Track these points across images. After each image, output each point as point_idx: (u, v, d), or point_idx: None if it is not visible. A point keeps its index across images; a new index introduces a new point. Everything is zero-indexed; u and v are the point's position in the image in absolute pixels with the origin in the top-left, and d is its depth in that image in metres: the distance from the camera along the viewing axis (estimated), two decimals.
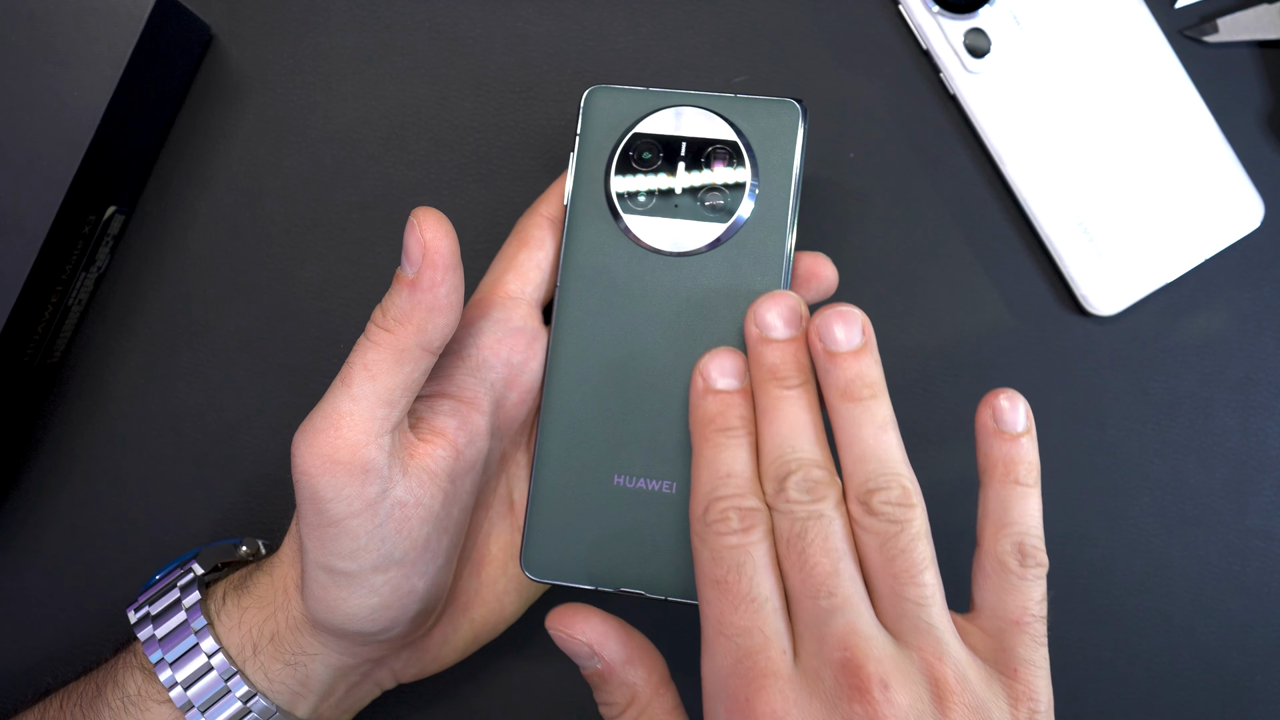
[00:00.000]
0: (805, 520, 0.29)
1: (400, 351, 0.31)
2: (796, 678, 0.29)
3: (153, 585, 0.37)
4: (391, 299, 0.32)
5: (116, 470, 0.42)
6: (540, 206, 0.36)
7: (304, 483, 0.31)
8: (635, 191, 0.35)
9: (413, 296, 0.31)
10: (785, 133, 0.35)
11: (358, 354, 0.32)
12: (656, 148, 0.35)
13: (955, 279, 0.42)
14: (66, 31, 0.38)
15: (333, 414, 0.31)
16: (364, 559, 0.32)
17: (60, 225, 0.38)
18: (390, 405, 0.32)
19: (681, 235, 0.35)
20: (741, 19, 0.43)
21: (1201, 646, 0.42)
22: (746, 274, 0.35)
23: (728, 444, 0.31)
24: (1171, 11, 0.42)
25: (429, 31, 0.43)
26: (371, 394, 0.31)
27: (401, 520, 0.32)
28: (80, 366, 0.42)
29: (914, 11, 0.41)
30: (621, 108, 0.36)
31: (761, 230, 0.35)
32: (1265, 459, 0.42)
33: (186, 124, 0.43)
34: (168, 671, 0.34)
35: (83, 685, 0.36)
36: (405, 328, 0.31)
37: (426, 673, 0.38)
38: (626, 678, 0.32)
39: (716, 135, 0.35)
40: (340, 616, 0.33)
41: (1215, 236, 0.41)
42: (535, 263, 0.36)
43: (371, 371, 0.31)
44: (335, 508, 0.31)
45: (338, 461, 0.31)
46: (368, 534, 0.32)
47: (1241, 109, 0.42)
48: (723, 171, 0.35)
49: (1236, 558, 0.42)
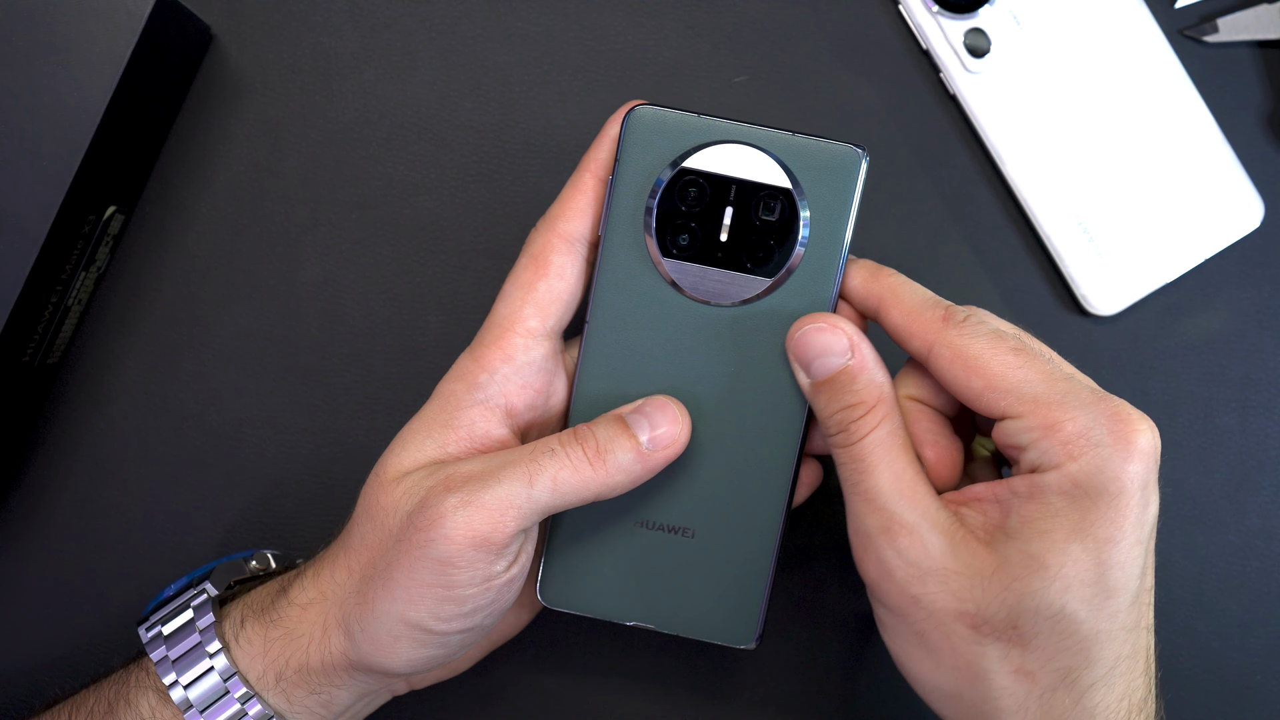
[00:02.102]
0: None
1: (589, 493, 0.32)
2: None
3: (163, 602, 0.36)
4: (614, 446, 0.32)
5: (117, 470, 0.42)
6: (558, 224, 0.34)
7: (444, 546, 0.31)
8: (678, 233, 0.33)
9: (635, 464, 0.32)
10: (843, 182, 0.33)
11: (555, 466, 0.32)
12: (705, 188, 0.33)
13: (955, 279, 0.42)
14: (66, 31, 0.38)
15: (506, 503, 0.31)
16: (459, 623, 0.32)
17: (60, 225, 0.38)
18: (543, 515, 0.32)
19: (724, 285, 0.33)
20: (741, 19, 0.43)
21: (1201, 646, 0.42)
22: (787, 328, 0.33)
23: (908, 281, 0.34)
24: (1171, 11, 0.42)
25: (429, 31, 0.43)
26: (546, 504, 0.32)
27: (508, 594, 0.33)
28: (80, 366, 0.42)
29: (914, 11, 0.41)
30: (667, 135, 0.33)
31: (808, 284, 0.33)
32: (1265, 459, 0.42)
33: (186, 124, 0.43)
34: (181, 693, 0.34)
35: (92, 700, 0.35)
36: (613, 480, 0.32)
37: (441, 679, 0.38)
38: (876, 376, 0.32)
39: (770, 180, 0.33)
40: (401, 663, 0.33)
41: (1215, 236, 0.41)
42: (556, 295, 0.34)
43: (559, 490, 0.32)
44: (462, 577, 0.31)
45: (491, 544, 0.31)
46: (473, 604, 0.32)
47: (1241, 109, 0.42)
48: (773, 222, 0.33)
49: (1236, 558, 0.42)
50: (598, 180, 0.34)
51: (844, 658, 0.42)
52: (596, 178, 0.34)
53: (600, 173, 0.34)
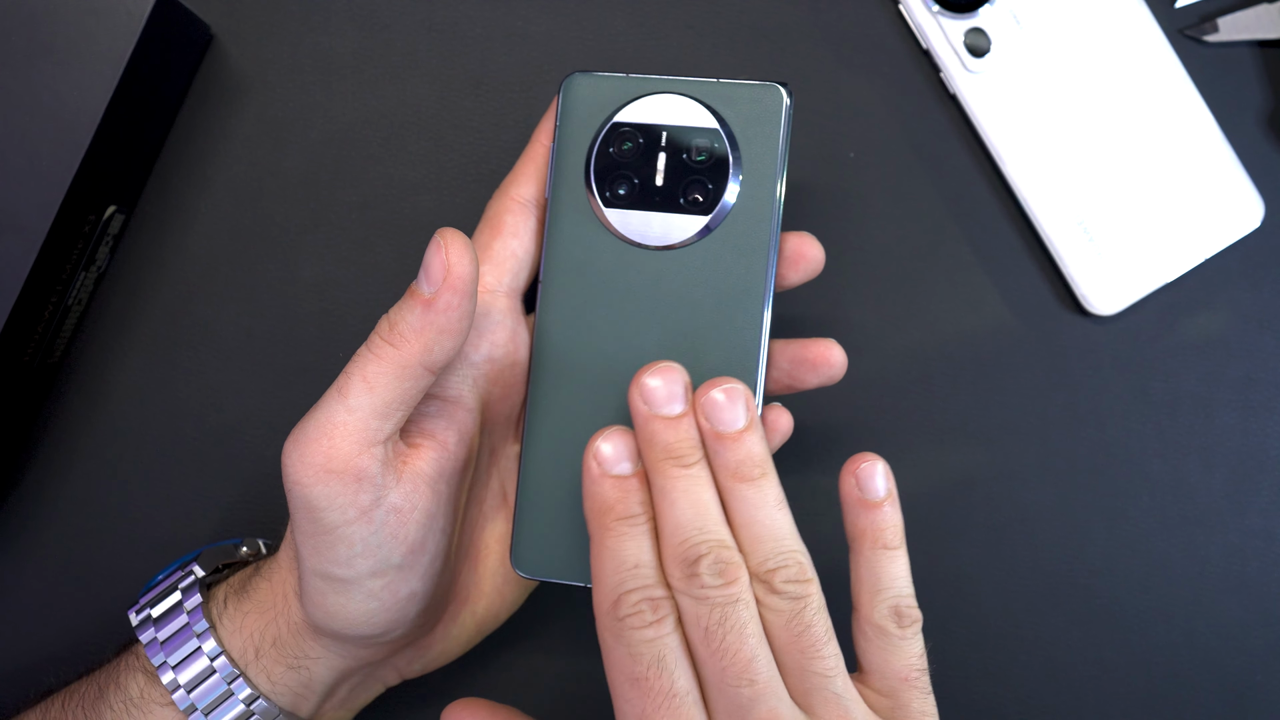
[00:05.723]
0: (724, 607, 0.29)
1: (403, 368, 0.31)
2: None
3: (154, 587, 0.37)
4: (402, 314, 0.31)
5: (117, 470, 0.42)
6: (510, 188, 0.35)
7: (296, 492, 0.31)
8: (616, 183, 0.34)
9: (426, 316, 0.31)
10: (769, 118, 0.34)
11: (357, 365, 0.31)
12: (636, 137, 0.34)
13: (955, 279, 0.42)
14: (66, 31, 0.38)
15: (327, 424, 0.31)
16: (360, 565, 0.32)
17: (60, 225, 0.38)
18: (385, 418, 0.31)
19: (664, 228, 0.34)
20: (741, 18, 0.43)
21: (1201, 646, 0.42)
22: (732, 267, 0.34)
23: (632, 533, 0.30)
24: (1171, 11, 0.42)
25: (428, 31, 0.43)
26: (368, 406, 0.31)
27: (397, 526, 0.32)
28: (80, 366, 0.42)
29: (914, 11, 0.41)
30: (601, 95, 0.35)
31: (746, 221, 0.34)
32: (1265, 459, 0.42)
33: (186, 124, 0.43)
34: (170, 674, 0.34)
35: (85, 686, 0.36)
36: (412, 345, 0.31)
37: (431, 667, 0.38)
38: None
39: (698, 123, 0.34)
40: (340, 622, 0.33)
41: (1215, 236, 0.41)
42: (510, 251, 0.35)
43: (370, 384, 0.31)
44: (329, 516, 0.31)
45: (331, 471, 0.31)
46: (363, 541, 0.32)
47: (1241, 109, 0.42)
48: (704, 161, 0.34)
49: (1236, 558, 0.42)
50: (545, 148, 0.35)
51: None
52: (545, 146, 0.35)
53: (549, 141, 0.35)
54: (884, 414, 0.42)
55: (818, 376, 0.35)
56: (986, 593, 0.42)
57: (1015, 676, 0.42)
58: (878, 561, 0.32)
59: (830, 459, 0.42)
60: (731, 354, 0.34)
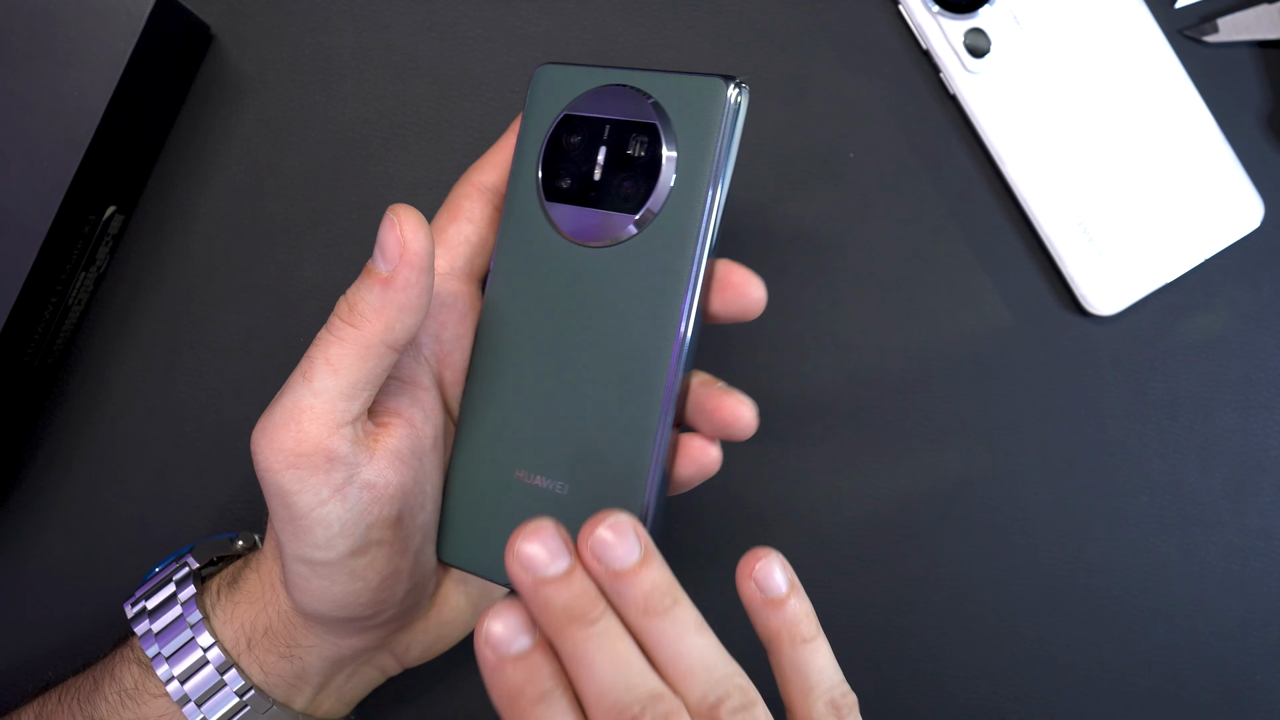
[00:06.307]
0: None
1: (366, 348, 0.31)
2: None
3: (149, 579, 0.37)
4: (360, 294, 0.31)
5: (116, 470, 0.42)
6: (472, 174, 0.35)
7: (268, 479, 0.31)
8: (560, 176, 0.33)
9: (384, 294, 0.31)
10: (710, 115, 0.31)
11: (319, 348, 0.31)
12: (584, 130, 0.33)
13: (955, 279, 0.42)
14: (66, 31, 0.38)
15: (293, 409, 0.31)
16: (340, 545, 0.32)
17: (60, 225, 0.38)
18: (352, 399, 0.31)
19: (598, 225, 0.33)
20: (741, 19, 0.43)
21: (1201, 646, 0.42)
22: (653, 272, 0.32)
23: (551, 712, 0.27)
24: (1171, 11, 0.42)
25: (428, 31, 0.43)
26: (334, 388, 0.31)
27: (372, 502, 0.32)
28: (80, 366, 0.42)
29: (914, 11, 0.41)
30: (563, 86, 0.34)
31: (675, 224, 0.32)
32: (1265, 459, 0.42)
33: (186, 124, 0.43)
34: (164, 665, 0.34)
35: (81, 680, 0.36)
36: (372, 324, 0.31)
37: (431, 653, 0.38)
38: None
39: (638, 117, 0.32)
40: (327, 605, 0.33)
41: (1215, 236, 0.41)
42: (464, 236, 0.35)
43: (334, 366, 0.31)
44: (302, 500, 0.31)
45: (301, 455, 0.31)
46: (340, 520, 0.32)
47: (1241, 109, 0.42)
48: (641, 158, 0.32)
49: (1236, 558, 0.42)
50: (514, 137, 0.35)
51: None
52: (514, 135, 0.35)
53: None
54: (884, 414, 0.42)
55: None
56: (986, 593, 0.42)
57: (1015, 676, 0.42)
58: (800, 658, 0.30)
59: (830, 458, 0.42)
60: (642, 368, 0.32)
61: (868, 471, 0.42)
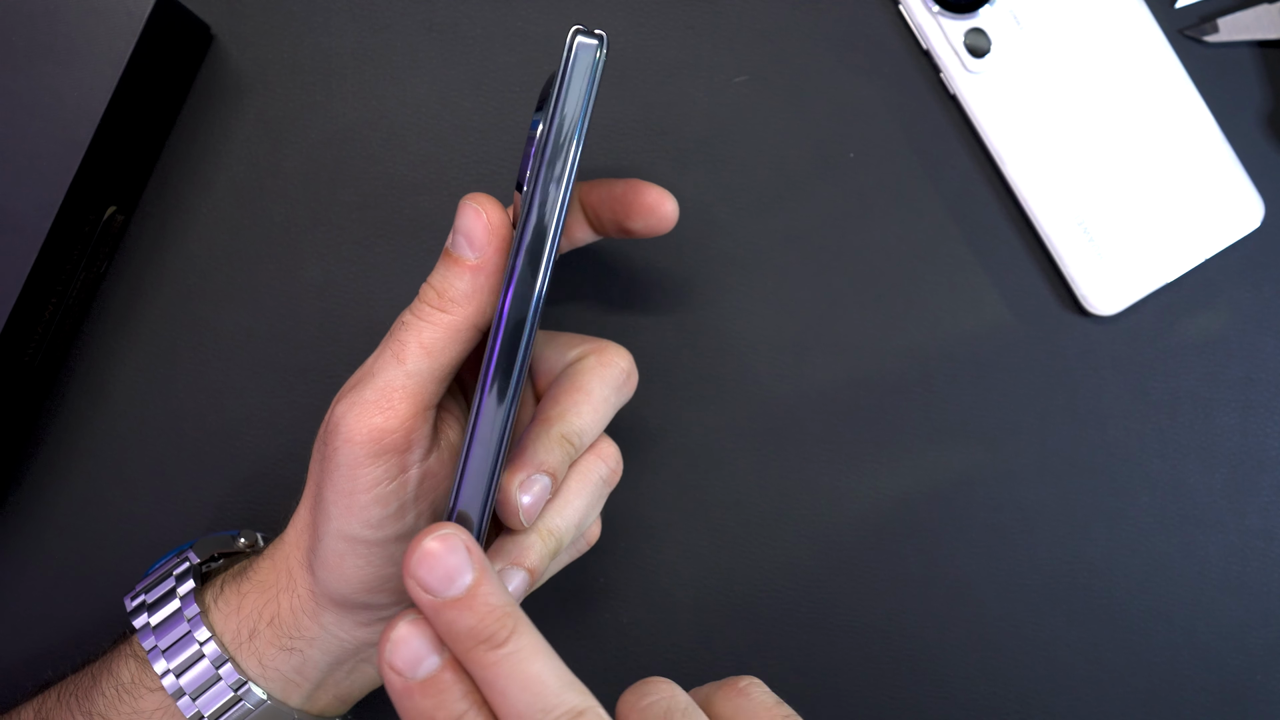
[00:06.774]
0: None
1: (457, 332, 0.32)
2: None
3: (150, 574, 0.37)
4: (449, 280, 0.32)
5: (116, 470, 0.42)
6: None
7: (346, 451, 0.32)
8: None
9: (475, 279, 0.32)
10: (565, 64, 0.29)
11: (412, 332, 0.32)
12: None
13: (955, 279, 0.42)
14: (66, 31, 0.38)
15: (386, 388, 0.32)
16: (390, 528, 0.32)
17: (60, 225, 0.38)
18: (442, 383, 0.32)
19: None
20: (741, 19, 0.43)
21: (1201, 646, 0.42)
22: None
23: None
24: (1171, 11, 0.42)
25: (428, 31, 0.43)
26: (427, 371, 0.32)
27: (430, 490, 0.33)
28: (80, 366, 0.42)
29: (914, 11, 0.41)
30: None
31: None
32: (1265, 459, 0.42)
33: (186, 124, 0.43)
34: (161, 660, 0.34)
35: (80, 676, 0.36)
36: (464, 309, 0.32)
37: None
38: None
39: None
40: (353, 586, 0.33)
41: (1215, 236, 0.41)
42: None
43: (428, 350, 0.32)
44: (371, 475, 0.32)
45: (387, 431, 0.31)
46: (399, 502, 0.32)
47: (1241, 109, 0.42)
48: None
49: (1236, 558, 0.42)
50: None
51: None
52: None
53: None
54: (884, 414, 0.42)
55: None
56: (986, 593, 0.42)
57: (1015, 676, 0.42)
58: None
59: (830, 458, 0.42)
60: None
61: (868, 471, 0.42)
